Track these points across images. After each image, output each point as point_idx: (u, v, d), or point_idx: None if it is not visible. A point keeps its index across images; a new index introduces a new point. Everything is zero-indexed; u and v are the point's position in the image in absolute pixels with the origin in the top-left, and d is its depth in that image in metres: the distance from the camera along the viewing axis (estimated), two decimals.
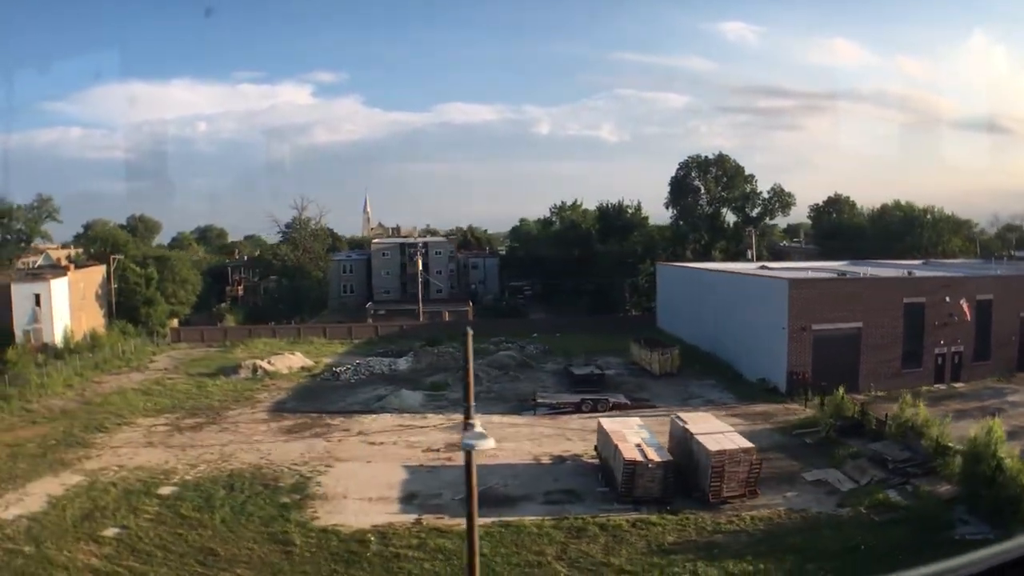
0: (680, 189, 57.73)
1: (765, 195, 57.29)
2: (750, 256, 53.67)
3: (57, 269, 54.85)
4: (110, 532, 18.36)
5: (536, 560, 16.79)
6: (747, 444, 20.84)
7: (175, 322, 56.91)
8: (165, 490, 21.33)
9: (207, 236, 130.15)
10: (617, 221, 60.21)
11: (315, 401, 32.43)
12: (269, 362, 37.60)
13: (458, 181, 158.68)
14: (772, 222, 59.52)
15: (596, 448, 23.34)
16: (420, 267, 56.87)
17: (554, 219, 68.89)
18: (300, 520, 18.87)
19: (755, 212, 57.49)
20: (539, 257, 64.92)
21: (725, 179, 56.52)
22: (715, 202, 56.93)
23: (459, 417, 28.47)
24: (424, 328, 50.60)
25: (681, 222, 57.76)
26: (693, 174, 57.34)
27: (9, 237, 62.28)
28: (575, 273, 59.13)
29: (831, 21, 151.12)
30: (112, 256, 56.19)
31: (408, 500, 20.14)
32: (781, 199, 57.29)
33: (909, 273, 39.86)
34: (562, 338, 47.19)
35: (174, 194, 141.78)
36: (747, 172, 57.14)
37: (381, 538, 17.53)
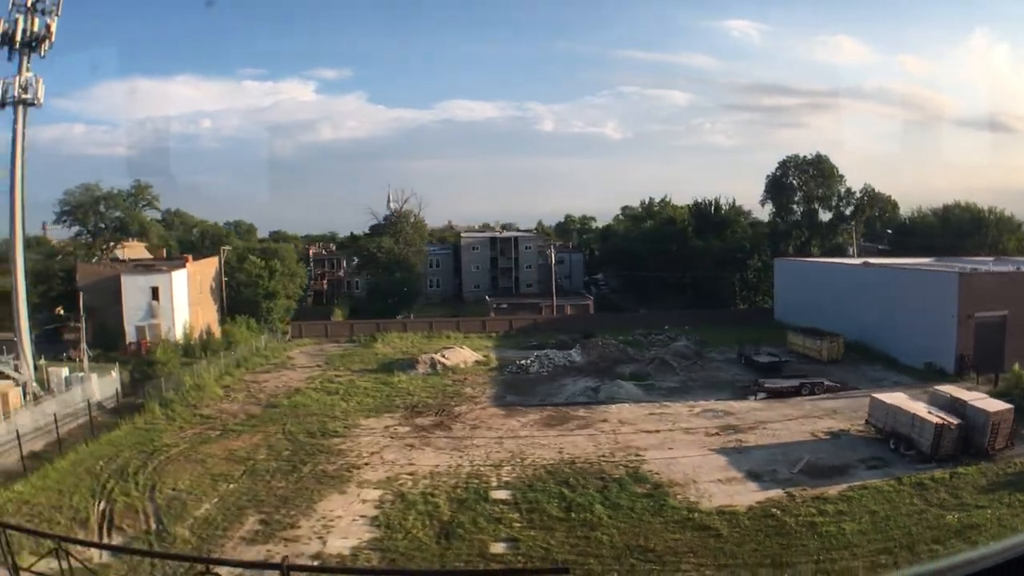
0: (778, 187, 60.65)
1: (857, 194, 60.53)
2: (851, 252, 56.79)
3: (174, 261, 54.45)
4: (499, 548, 17.25)
5: (917, 509, 19.02)
6: (1006, 405, 23.86)
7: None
8: (499, 494, 20.46)
9: (238, 230, 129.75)
10: (714, 217, 62.84)
11: (528, 394, 33.59)
12: (444, 357, 38.75)
13: (460, 178, 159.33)
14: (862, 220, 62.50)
15: (868, 421, 25.74)
16: (552, 261, 58.18)
17: (642, 214, 71.11)
18: (682, 505, 19.45)
19: (848, 210, 60.65)
20: (625, 252, 67.00)
21: (820, 178, 59.56)
22: (811, 200, 59.91)
23: (699, 404, 30.75)
24: (556, 322, 52.34)
25: (779, 219, 60.61)
26: (791, 173, 60.28)
27: (104, 226, 60.91)
28: (669, 268, 61.33)
29: (835, 19, 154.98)
30: (222, 247, 56.14)
31: (756, 478, 21.62)
32: (872, 198, 60.56)
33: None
34: (692, 332, 49.33)
35: (176, 190, 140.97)
36: (839, 172, 60.25)
37: (781, 511, 19.08)
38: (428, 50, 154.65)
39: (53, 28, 34.05)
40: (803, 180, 59.96)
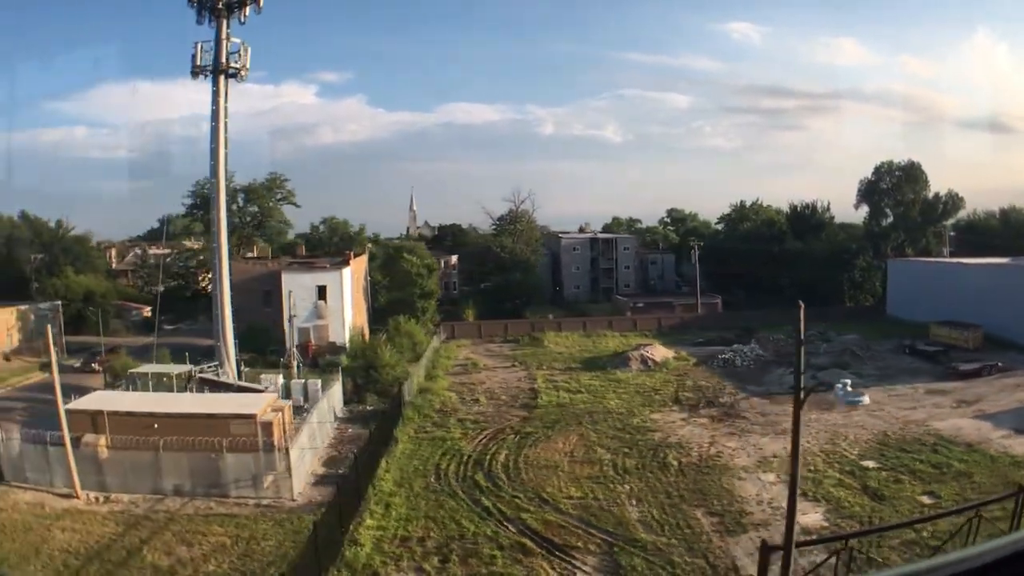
0: (873, 192, 66.25)
1: (943, 198, 66.55)
2: (945, 252, 62.76)
3: (335, 258, 54.20)
4: (925, 499, 20.23)
5: None
6: None
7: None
8: (866, 463, 23.54)
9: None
10: (812, 220, 68.03)
11: (759, 383, 37.29)
12: (650, 353, 42.28)
13: (461, 181, 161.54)
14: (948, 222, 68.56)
15: None
16: (695, 260, 61.79)
17: (733, 215, 75.85)
18: (999, 454, 23.80)
19: (936, 214, 66.65)
20: (722, 252, 71.41)
21: (910, 183, 65.34)
22: (902, 204, 65.65)
23: (919, 386, 35.24)
24: (699, 320, 56.46)
25: (873, 222, 66.22)
26: (885, 178, 65.94)
27: (238, 221, 58.65)
28: (770, 268, 66.01)
29: (836, 21, 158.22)
30: (369, 244, 56.89)
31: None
32: (954, 202, 66.77)
33: None
34: (823, 327, 53.96)
35: (175, 193, 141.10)
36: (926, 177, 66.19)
37: None
38: (429, 53, 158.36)
39: None
40: (894, 184, 65.65)
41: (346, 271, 49.15)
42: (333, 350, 45.81)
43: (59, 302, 66.85)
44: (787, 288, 65.48)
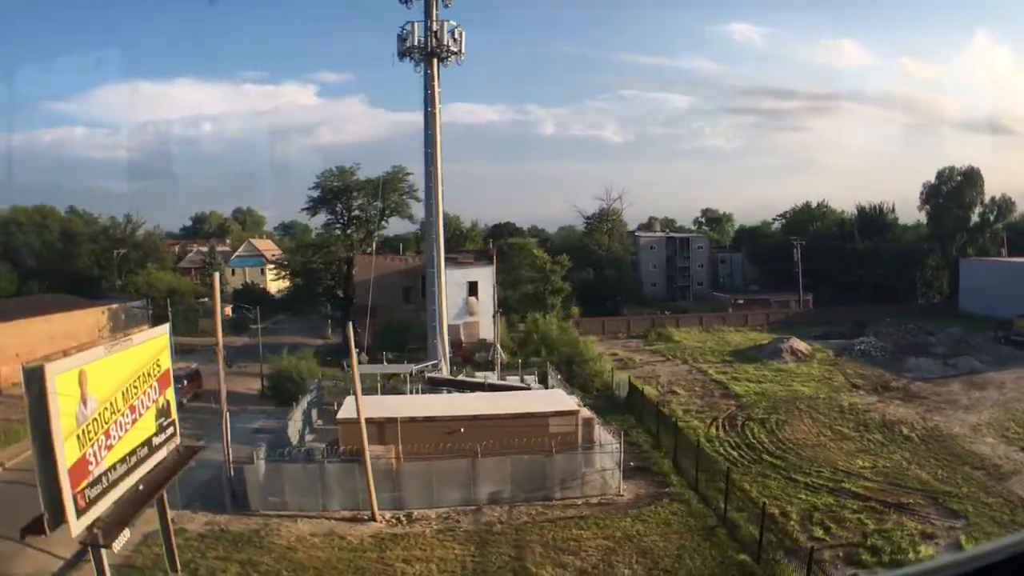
0: (935, 195, 72.69)
1: (997, 201, 73.34)
2: (1003, 253, 69.49)
3: (480, 255, 54.35)
4: None
5: None
6: None
7: None
8: None
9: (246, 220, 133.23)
10: (879, 221, 74.12)
11: (903, 371, 42.60)
12: (796, 345, 47.13)
13: (461, 181, 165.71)
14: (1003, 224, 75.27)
15: None
16: (798, 258, 66.48)
17: (799, 216, 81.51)
18: None
19: (991, 216, 73.40)
20: (783, 250, 76.85)
21: (970, 187, 71.88)
22: (964, 207, 72.18)
23: None
24: (801, 315, 61.62)
25: (936, 223, 72.61)
26: (947, 182, 72.41)
27: (359, 214, 58.29)
28: (841, 265, 71.50)
29: (837, 22, 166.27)
30: (491, 241, 58.40)
31: None
32: (1007, 204, 73.65)
33: None
34: (901, 323, 59.35)
35: (176, 193, 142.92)
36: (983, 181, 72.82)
37: None
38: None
39: None
40: (955, 188, 72.16)
41: (490, 268, 50.18)
42: (484, 347, 46.69)
43: (145, 300, 67.96)
44: (861, 286, 71.45)
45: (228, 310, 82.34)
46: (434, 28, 32.42)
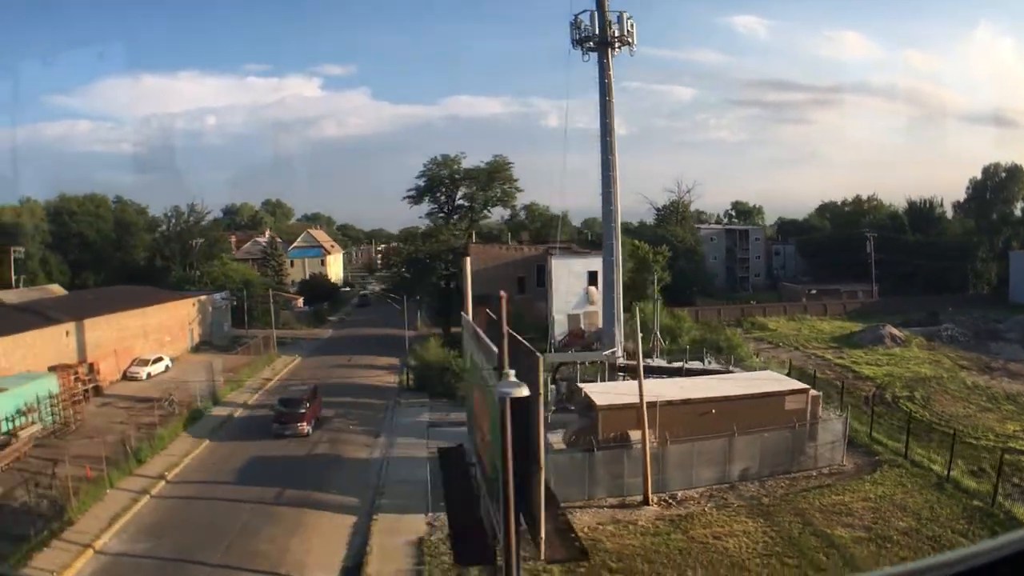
0: (983, 189, 78.34)
1: None
2: None
3: (584, 245, 56.45)
4: None
5: None
6: None
7: None
8: None
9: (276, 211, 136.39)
10: (929, 214, 79.55)
11: (992, 353, 47.87)
12: (895, 331, 51.91)
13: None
14: None
15: None
16: (871, 250, 70.91)
17: (849, 209, 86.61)
18: None
19: None
20: (835, 242, 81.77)
21: (1014, 183, 77.57)
22: (1008, 202, 77.91)
23: None
24: (874, 305, 66.44)
25: (982, 218, 78.24)
26: (992, 178, 78.04)
27: (464, 204, 59.07)
28: (896, 256, 76.35)
29: (841, 14, 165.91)
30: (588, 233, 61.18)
31: None
32: None
33: None
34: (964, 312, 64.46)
35: (182, 185, 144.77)
36: None
37: None
38: (433, 46, 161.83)
39: None
40: (1000, 184, 77.85)
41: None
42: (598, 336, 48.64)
43: (227, 292, 70.17)
44: (914, 277, 76.47)
45: (300, 301, 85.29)
46: (608, 18, 32.90)
